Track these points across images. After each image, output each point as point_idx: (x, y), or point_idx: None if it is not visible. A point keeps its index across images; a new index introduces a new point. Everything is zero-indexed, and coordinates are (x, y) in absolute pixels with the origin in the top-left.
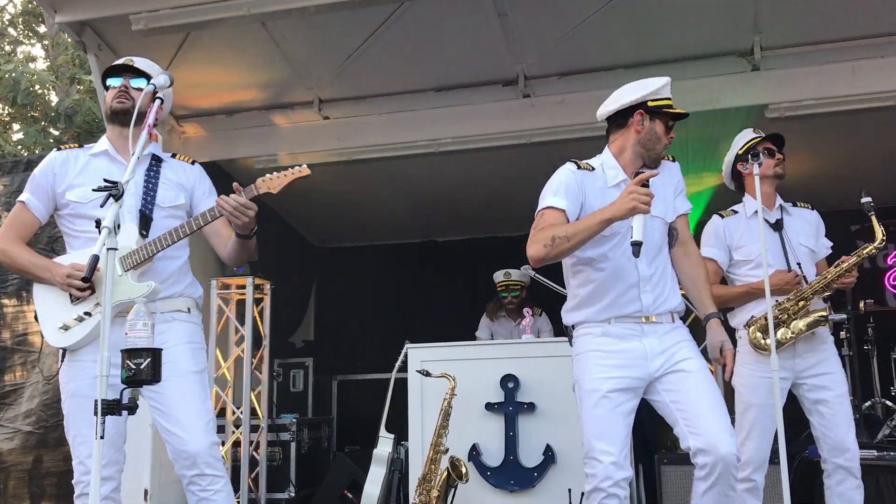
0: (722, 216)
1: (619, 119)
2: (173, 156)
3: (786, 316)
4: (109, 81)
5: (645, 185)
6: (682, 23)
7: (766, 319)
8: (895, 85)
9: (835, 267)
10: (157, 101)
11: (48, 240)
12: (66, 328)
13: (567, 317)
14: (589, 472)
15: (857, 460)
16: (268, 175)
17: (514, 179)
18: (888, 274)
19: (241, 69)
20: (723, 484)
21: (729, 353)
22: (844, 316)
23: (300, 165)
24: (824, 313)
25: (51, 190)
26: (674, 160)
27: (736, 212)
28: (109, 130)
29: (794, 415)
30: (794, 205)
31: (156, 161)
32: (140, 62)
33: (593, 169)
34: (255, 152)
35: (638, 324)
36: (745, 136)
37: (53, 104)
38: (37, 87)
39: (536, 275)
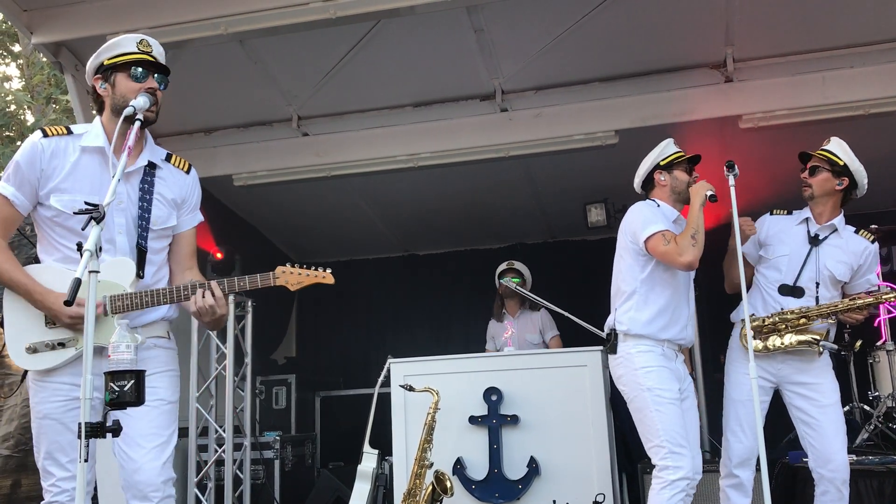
0: (772, 213)
1: (648, 184)
2: (168, 157)
3: (784, 325)
4: (134, 70)
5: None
6: (655, 36)
7: (761, 321)
8: (864, 95)
9: (850, 300)
10: (137, 124)
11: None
12: (34, 350)
13: (630, 322)
14: (673, 464)
15: (842, 472)
16: (289, 267)
17: (493, 192)
18: None
19: (219, 87)
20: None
21: None
22: (836, 346)
23: (326, 271)
24: (818, 337)
25: (36, 185)
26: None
27: (790, 213)
28: (107, 120)
29: (777, 419)
30: (857, 231)
31: (150, 168)
32: (156, 50)
33: (658, 206)
34: (234, 170)
35: (675, 351)
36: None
37: (29, 124)
38: (12, 106)
39: (518, 287)
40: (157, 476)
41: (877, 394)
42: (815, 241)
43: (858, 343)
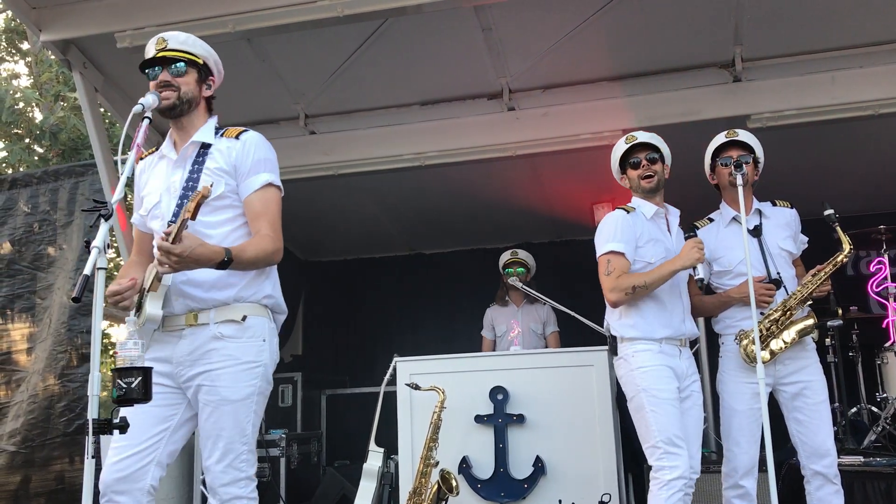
0: (698, 227)
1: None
2: (223, 133)
3: (775, 327)
4: (147, 71)
5: (692, 235)
6: (663, 35)
7: (761, 332)
8: (873, 94)
9: (812, 276)
10: (146, 122)
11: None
12: None
13: (621, 328)
14: (669, 465)
15: (835, 466)
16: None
17: (500, 191)
18: (871, 281)
19: (227, 85)
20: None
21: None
22: (841, 322)
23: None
24: (812, 321)
25: (141, 203)
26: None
27: (712, 220)
28: (170, 122)
29: (782, 422)
30: (774, 204)
31: (204, 149)
32: (174, 41)
33: (633, 209)
34: None
35: (676, 347)
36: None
37: (38, 121)
38: (21, 104)
39: (524, 286)
40: (220, 479)
41: (885, 395)
42: (756, 232)
43: (839, 310)
